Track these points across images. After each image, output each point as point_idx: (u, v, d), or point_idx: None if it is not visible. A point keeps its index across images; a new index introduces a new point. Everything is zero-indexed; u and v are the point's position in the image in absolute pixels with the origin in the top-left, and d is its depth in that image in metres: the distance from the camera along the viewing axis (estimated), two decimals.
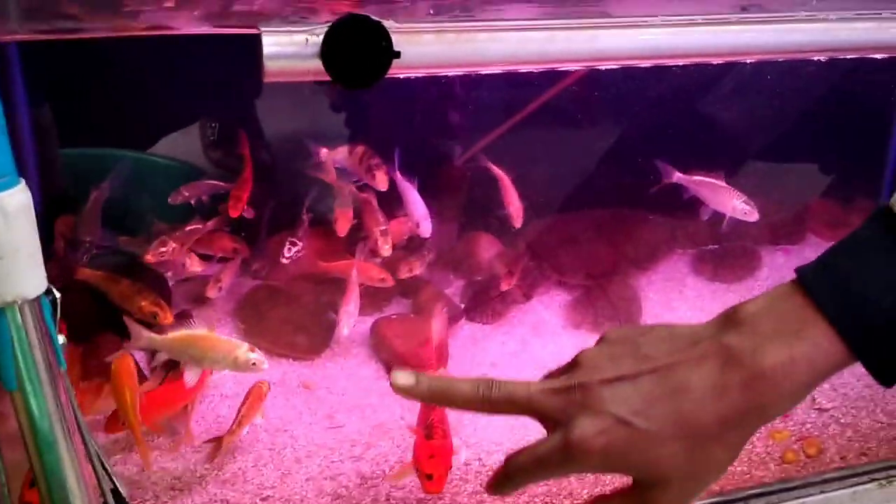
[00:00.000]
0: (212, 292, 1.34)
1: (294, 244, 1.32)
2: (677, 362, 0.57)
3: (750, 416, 0.56)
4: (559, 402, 0.58)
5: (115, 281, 1.23)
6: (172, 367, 1.18)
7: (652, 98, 1.46)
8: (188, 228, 1.32)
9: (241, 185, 1.33)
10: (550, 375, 0.64)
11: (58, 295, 0.60)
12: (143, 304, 1.19)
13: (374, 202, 1.33)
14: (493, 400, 0.60)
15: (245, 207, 1.31)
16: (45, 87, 1.28)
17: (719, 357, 0.56)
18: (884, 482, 1.11)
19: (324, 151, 1.32)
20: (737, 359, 0.56)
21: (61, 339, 0.64)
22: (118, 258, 1.32)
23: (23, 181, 0.55)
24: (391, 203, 1.35)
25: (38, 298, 0.58)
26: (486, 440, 1.16)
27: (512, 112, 1.43)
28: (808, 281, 0.56)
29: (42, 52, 1.17)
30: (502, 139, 1.42)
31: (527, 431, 0.69)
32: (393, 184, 1.31)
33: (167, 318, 1.19)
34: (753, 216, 1.29)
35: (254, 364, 1.03)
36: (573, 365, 0.62)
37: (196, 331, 1.06)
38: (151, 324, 1.22)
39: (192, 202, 1.33)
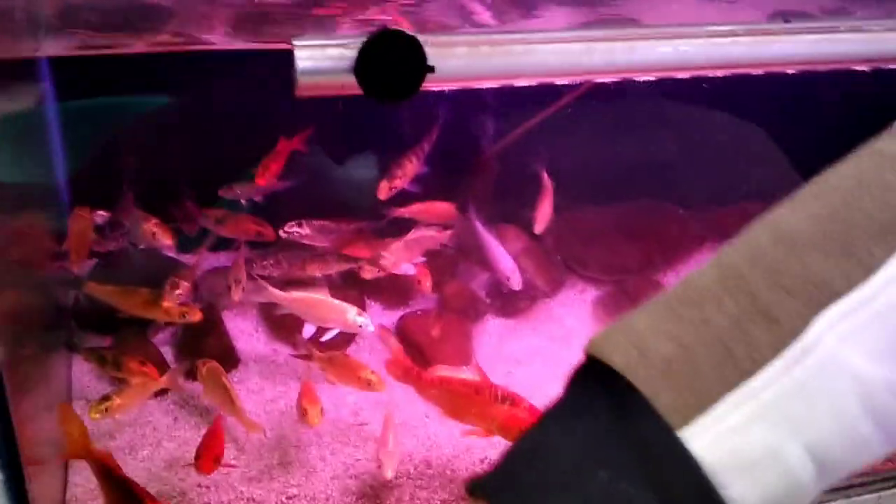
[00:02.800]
0: (236, 295, 1.24)
1: (300, 224, 1.27)
2: None
3: None
4: None
5: (128, 293, 1.20)
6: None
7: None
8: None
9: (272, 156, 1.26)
10: None
11: None
12: (167, 306, 1.18)
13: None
14: None
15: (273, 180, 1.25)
16: None
17: None
18: None
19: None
20: None
21: None
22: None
23: None
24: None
25: None
26: None
27: (543, 103, 1.40)
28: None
29: None
30: (532, 131, 1.40)
31: None
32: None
33: (196, 315, 1.19)
34: None
35: (360, 326, 1.14)
36: None
37: (312, 294, 1.18)
38: (179, 322, 1.22)
39: (243, 202, 1.30)
